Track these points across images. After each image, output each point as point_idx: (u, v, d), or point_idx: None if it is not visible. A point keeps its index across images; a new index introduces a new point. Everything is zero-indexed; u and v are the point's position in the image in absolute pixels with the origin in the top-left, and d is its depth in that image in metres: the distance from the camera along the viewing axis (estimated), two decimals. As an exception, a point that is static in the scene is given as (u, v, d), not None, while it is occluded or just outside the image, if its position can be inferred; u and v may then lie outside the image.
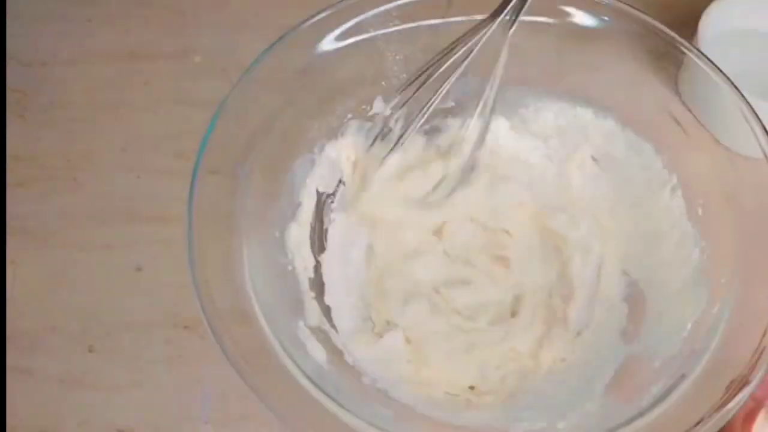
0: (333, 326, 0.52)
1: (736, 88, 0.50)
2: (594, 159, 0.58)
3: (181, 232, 0.60)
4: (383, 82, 0.56)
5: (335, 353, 0.50)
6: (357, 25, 0.53)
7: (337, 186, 0.57)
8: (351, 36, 0.53)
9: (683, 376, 0.44)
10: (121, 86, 0.68)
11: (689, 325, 0.49)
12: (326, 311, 0.53)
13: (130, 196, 0.63)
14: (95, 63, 0.69)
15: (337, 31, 0.53)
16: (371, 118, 0.57)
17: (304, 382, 0.43)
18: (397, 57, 0.55)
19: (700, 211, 0.52)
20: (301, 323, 0.50)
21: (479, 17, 0.52)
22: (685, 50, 0.52)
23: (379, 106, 0.56)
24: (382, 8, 0.53)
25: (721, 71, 0.50)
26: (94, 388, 0.56)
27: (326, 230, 0.56)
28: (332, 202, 0.57)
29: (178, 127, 0.66)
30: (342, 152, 0.56)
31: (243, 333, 0.44)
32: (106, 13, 0.72)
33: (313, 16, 0.52)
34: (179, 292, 0.58)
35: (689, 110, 0.52)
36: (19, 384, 0.55)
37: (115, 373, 0.56)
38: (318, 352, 0.48)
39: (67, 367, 0.56)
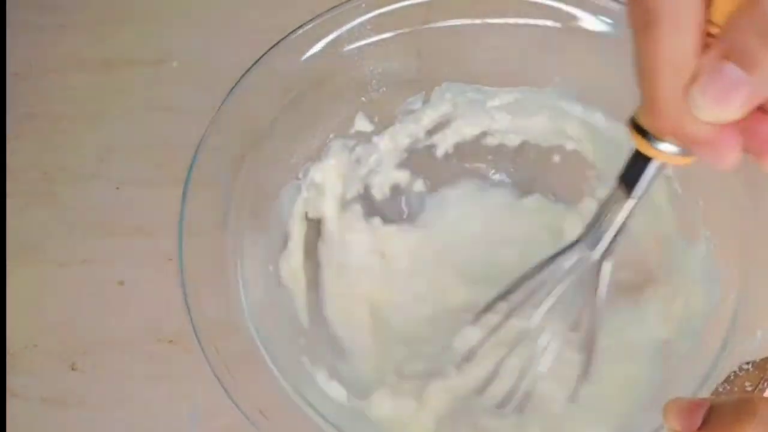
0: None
1: None
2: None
3: (163, 245, 0.59)
4: (363, 98, 0.55)
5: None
6: (333, 41, 0.52)
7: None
8: (327, 52, 0.52)
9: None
10: (96, 95, 0.66)
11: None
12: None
13: (110, 208, 0.61)
14: (69, 71, 0.67)
15: (314, 48, 0.52)
16: (354, 136, 0.55)
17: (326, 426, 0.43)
18: (376, 72, 0.54)
19: (700, 203, 0.51)
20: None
21: (459, 21, 0.52)
22: None
23: (360, 123, 0.55)
24: (356, 21, 0.52)
25: None
26: (78, 408, 0.54)
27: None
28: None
29: (157, 136, 0.64)
30: (327, 174, 0.55)
31: (253, 379, 0.43)
32: (79, 19, 0.70)
33: (288, 35, 0.51)
34: (163, 305, 0.57)
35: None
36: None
37: (99, 392, 0.55)
38: (337, 392, 0.47)
39: (49, 387, 0.55)
